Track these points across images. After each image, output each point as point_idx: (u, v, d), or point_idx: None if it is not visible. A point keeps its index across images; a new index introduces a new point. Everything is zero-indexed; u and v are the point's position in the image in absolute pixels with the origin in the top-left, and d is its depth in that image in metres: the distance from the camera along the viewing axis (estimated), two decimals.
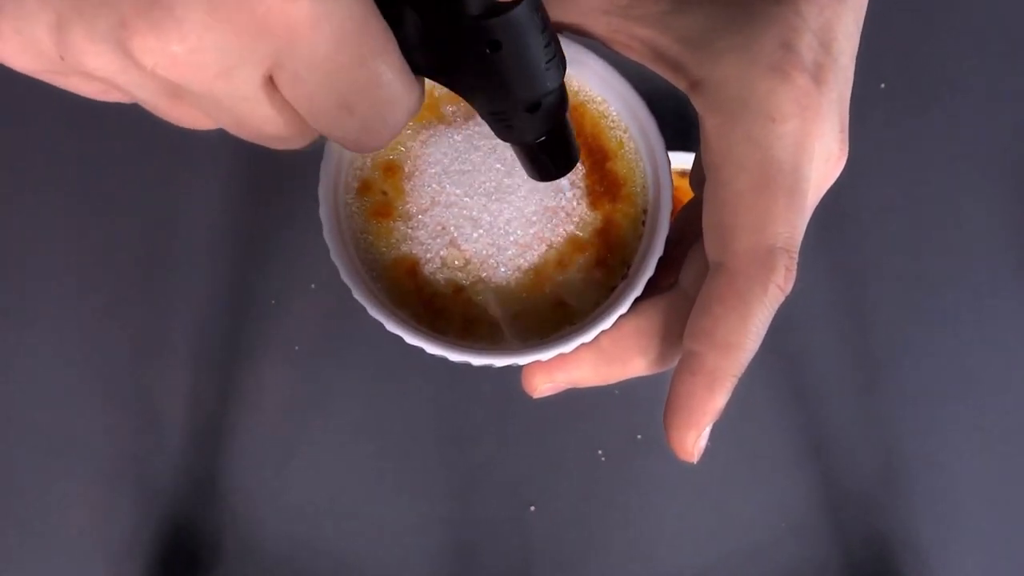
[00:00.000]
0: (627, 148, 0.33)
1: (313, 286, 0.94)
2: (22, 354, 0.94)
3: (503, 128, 0.26)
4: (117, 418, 0.92)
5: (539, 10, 0.23)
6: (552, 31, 0.24)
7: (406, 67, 0.22)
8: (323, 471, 0.92)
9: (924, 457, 0.91)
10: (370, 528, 0.91)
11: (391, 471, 0.92)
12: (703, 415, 0.27)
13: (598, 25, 0.29)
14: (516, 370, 0.32)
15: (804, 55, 0.26)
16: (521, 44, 0.23)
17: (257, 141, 0.24)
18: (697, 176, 0.32)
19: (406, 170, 0.33)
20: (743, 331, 0.26)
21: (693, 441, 0.28)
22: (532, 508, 0.91)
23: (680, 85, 0.29)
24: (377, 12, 0.21)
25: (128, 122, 0.96)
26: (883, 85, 0.94)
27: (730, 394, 0.27)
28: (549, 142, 0.26)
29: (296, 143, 0.24)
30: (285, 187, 0.96)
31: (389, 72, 0.22)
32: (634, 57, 0.30)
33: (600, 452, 0.92)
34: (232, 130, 0.23)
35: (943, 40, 0.98)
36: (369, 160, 0.33)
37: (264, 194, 0.97)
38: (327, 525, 0.91)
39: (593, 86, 0.33)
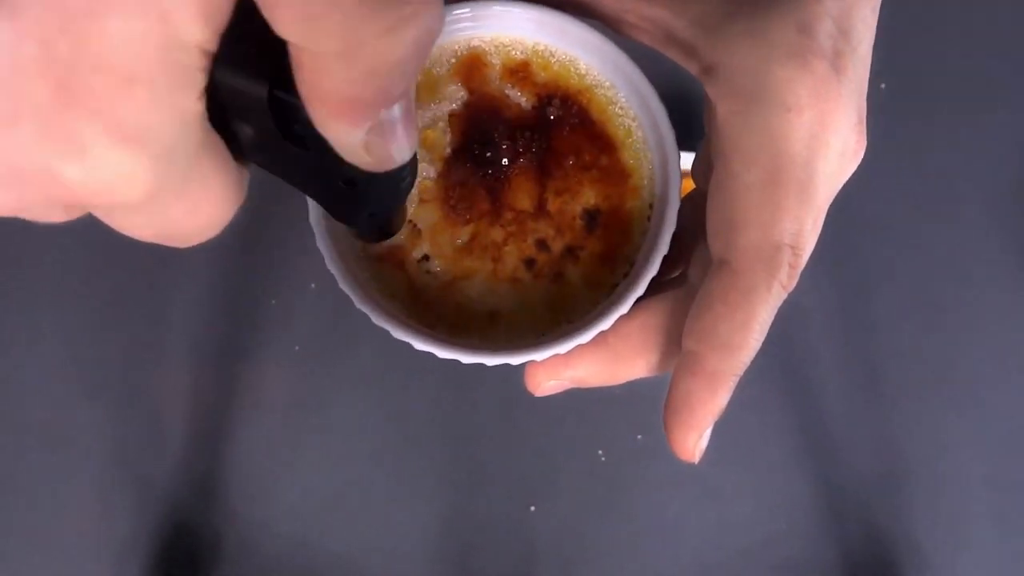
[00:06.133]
0: (635, 137, 0.31)
1: (313, 286, 0.94)
2: (22, 355, 0.94)
3: (332, 215, 0.24)
4: (117, 418, 0.92)
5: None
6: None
7: (235, 182, 0.20)
8: (323, 471, 0.92)
9: (924, 457, 0.91)
10: (370, 528, 0.91)
11: (391, 471, 0.92)
12: (704, 416, 0.26)
13: (607, 4, 0.28)
14: (518, 370, 0.31)
15: (823, 41, 0.25)
16: (378, 186, 0.21)
17: None
18: (702, 166, 0.30)
19: None
20: (746, 331, 0.25)
21: (695, 442, 0.27)
22: (532, 508, 0.91)
23: (692, 69, 0.27)
24: (214, 148, 0.19)
25: None
26: (883, 86, 0.94)
27: (731, 393, 0.26)
28: (378, 223, 0.25)
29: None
30: (285, 188, 0.95)
31: (215, 205, 0.20)
32: (644, 40, 0.28)
33: (600, 452, 0.92)
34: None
35: (943, 40, 0.98)
36: None
37: (264, 195, 0.97)
38: (327, 525, 0.91)
39: (602, 70, 0.31)
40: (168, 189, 0.18)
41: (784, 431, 0.92)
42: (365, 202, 0.22)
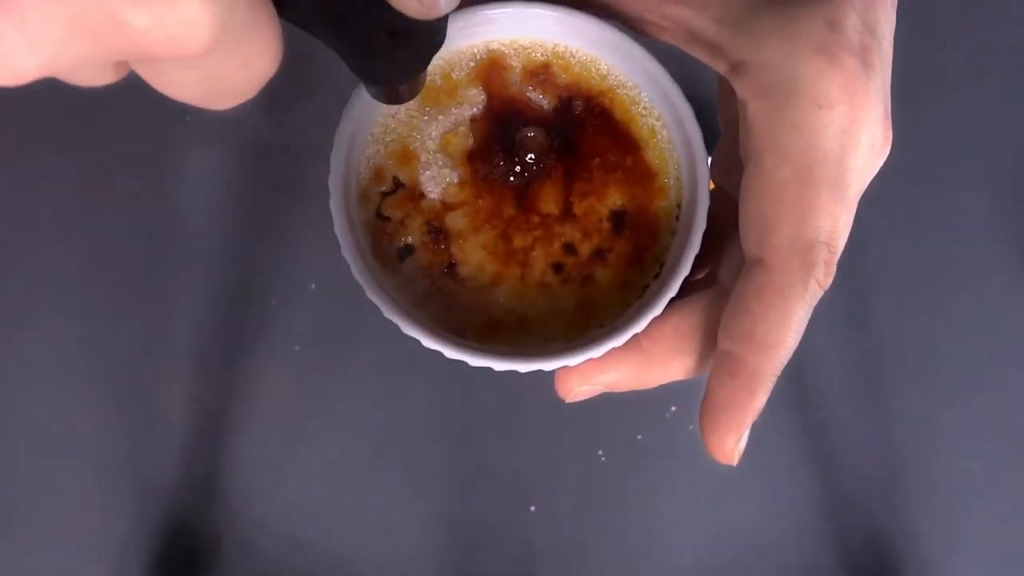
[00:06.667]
0: (660, 137, 0.31)
1: (313, 286, 0.94)
2: (22, 354, 0.94)
3: (358, 72, 0.24)
4: (117, 418, 0.92)
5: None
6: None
7: (280, 36, 0.20)
8: (323, 471, 0.92)
9: (925, 459, 0.91)
10: (370, 528, 0.91)
11: (391, 471, 0.92)
12: (744, 417, 0.26)
13: (628, 4, 0.28)
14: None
15: (851, 36, 0.25)
16: (416, 39, 0.22)
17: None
18: (721, 163, 0.30)
19: (422, 159, 0.30)
20: (783, 330, 0.25)
21: (733, 444, 0.27)
22: (532, 508, 0.91)
23: (719, 68, 0.27)
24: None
25: (129, 123, 0.96)
26: None
27: (769, 394, 0.26)
28: (403, 83, 0.24)
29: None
30: (286, 188, 0.96)
31: (266, 59, 0.19)
32: (666, 39, 0.28)
33: (600, 452, 0.92)
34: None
35: (942, 41, 0.98)
36: (383, 148, 0.30)
37: (265, 195, 0.97)
38: (327, 525, 0.91)
39: (624, 70, 0.31)
40: (228, 39, 0.18)
41: (784, 432, 0.92)
42: (400, 57, 0.22)
